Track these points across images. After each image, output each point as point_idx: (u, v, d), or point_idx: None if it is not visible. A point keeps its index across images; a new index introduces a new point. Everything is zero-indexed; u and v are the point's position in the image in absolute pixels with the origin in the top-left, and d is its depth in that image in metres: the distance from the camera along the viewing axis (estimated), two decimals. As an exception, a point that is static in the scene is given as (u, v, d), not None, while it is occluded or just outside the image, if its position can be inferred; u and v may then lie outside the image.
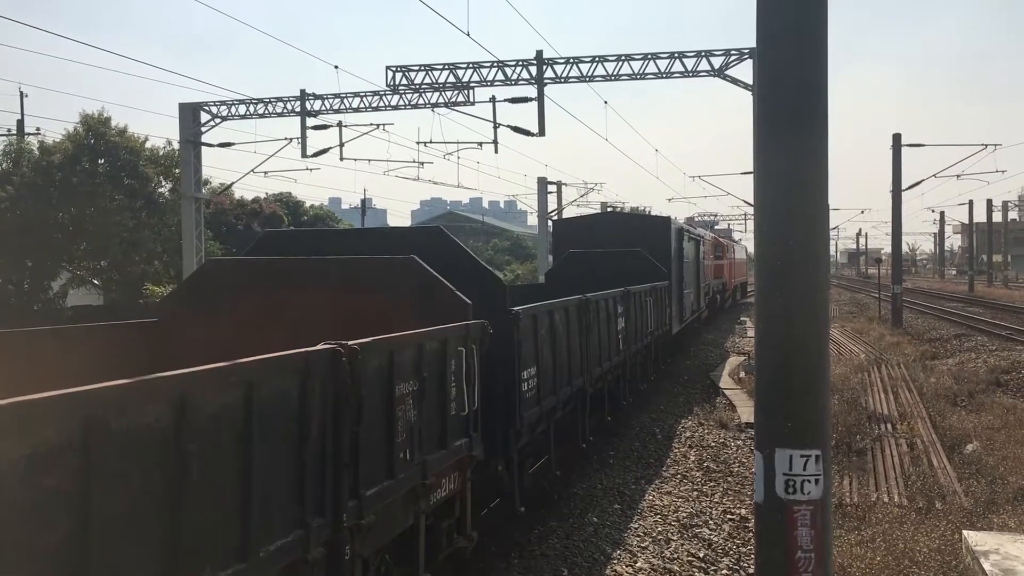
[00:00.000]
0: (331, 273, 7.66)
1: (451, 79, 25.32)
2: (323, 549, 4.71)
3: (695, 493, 11.31)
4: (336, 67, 27.41)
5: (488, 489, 8.30)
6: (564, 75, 24.69)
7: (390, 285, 7.45)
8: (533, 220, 57.24)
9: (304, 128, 27.84)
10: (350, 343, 4.99)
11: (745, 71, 25.31)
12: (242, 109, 28.11)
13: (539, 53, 24.63)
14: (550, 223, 51.52)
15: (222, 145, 28.97)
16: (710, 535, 9.68)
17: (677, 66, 24.22)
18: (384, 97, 26.47)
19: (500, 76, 25.06)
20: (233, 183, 36.10)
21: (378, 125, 28.42)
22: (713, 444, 14.08)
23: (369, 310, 6.99)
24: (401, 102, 26.34)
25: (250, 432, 4.01)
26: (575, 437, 11.79)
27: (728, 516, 10.38)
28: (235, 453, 3.95)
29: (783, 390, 4.62)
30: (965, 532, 8.31)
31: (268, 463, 4.18)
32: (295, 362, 4.50)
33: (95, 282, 32.33)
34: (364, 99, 26.92)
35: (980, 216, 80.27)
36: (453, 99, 25.64)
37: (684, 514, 10.33)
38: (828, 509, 4.68)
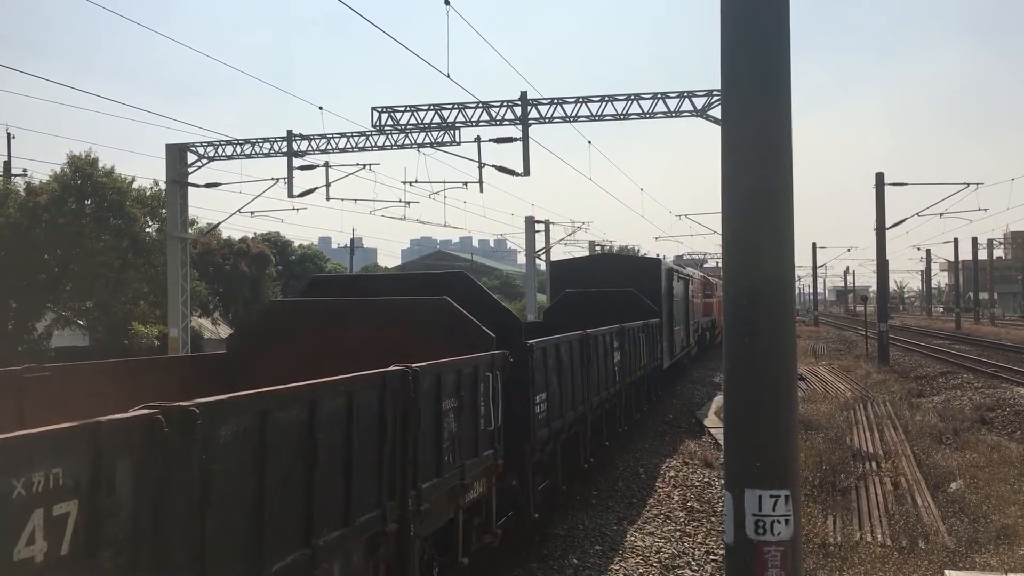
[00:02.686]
0: (375, 311, 8.94)
1: (436, 119, 25.48)
2: (395, 525, 5.99)
3: (678, 533, 11.22)
4: (321, 108, 27.59)
5: (504, 502, 9.06)
6: (548, 115, 24.86)
7: (426, 321, 8.68)
8: (523, 259, 57.31)
9: (291, 168, 27.87)
10: (413, 366, 6.30)
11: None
12: (229, 150, 28.16)
13: (523, 94, 24.83)
14: (540, 263, 51.65)
15: (209, 186, 28.97)
16: (692, 576, 9.59)
17: (660, 106, 24.44)
18: (370, 137, 26.58)
19: (485, 116, 25.22)
20: (220, 223, 36.09)
21: (364, 165, 28.52)
22: (697, 483, 14.00)
23: (408, 343, 8.02)
24: (387, 142, 26.43)
25: (351, 430, 5.33)
26: (578, 458, 12.61)
27: (711, 557, 10.29)
28: (343, 444, 5.28)
29: (751, 430, 4.60)
30: (947, 572, 8.27)
31: (361, 454, 5.48)
32: (377, 379, 5.80)
33: (80, 323, 32.13)
34: (350, 139, 27.01)
35: (965, 254, 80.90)
36: (438, 139, 25.77)
37: (666, 555, 10.24)
38: (798, 550, 4.64)
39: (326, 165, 28.19)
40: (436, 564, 7.08)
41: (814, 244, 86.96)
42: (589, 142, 29.31)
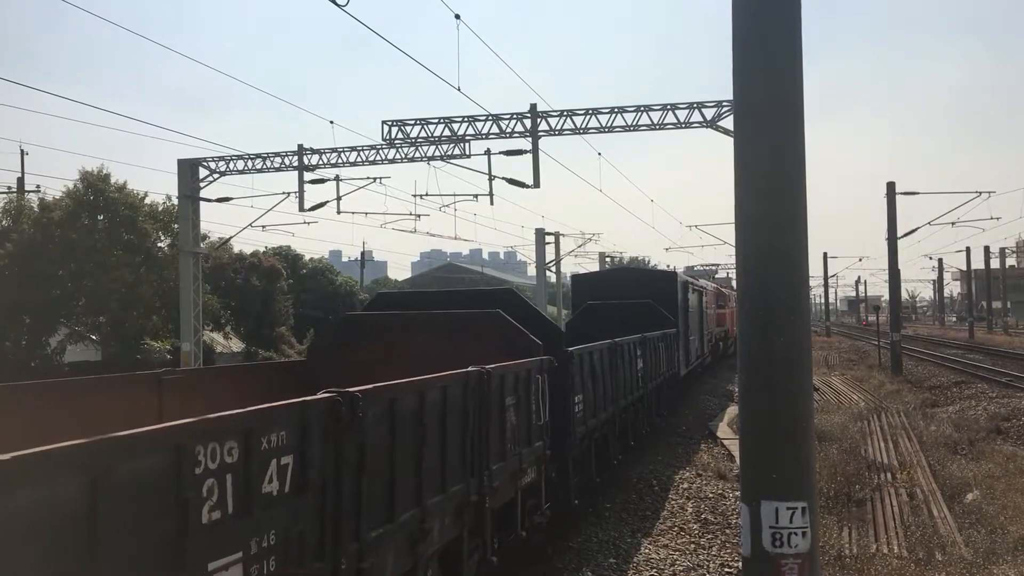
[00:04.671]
0: (437, 323, 10.15)
1: (446, 132, 25.54)
2: (476, 496, 7.26)
3: (692, 546, 11.15)
4: (332, 122, 27.68)
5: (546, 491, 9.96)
6: (558, 127, 24.90)
7: (481, 332, 9.82)
8: (533, 271, 57.36)
9: (301, 182, 27.98)
10: (486, 367, 7.52)
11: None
12: (240, 164, 28.29)
13: (533, 106, 24.87)
14: (550, 275, 51.61)
15: (220, 200, 29.11)
16: (707, 589, 9.52)
17: (670, 118, 24.45)
18: (380, 151, 26.65)
19: (495, 129, 25.27)
20: (231, 237, 36.22)
21: (375, 178, 28.58)
22: (711, 495, 13.92)
23: (465, 350, 8.88)
24: (397, 155, 26.50)
25: (444, 417, 6.59)
26: (607, 455, 13.72)
27: (726, 569, 10.22)
28: (439, 427, 6.48)
29: (767, 441, 4.57)
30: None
31: (452, 436, 6.75)
32: (462, 377, 7.05)
33: (93, 337, 32.25)
34: (360, 153, 27.10)
35: (978, 263, 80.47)
36: (449, 152, 25.82)
37: (680, 568, 10.18)
38: (816, 563, 4.60)
39: (337, 179, 28.29)
40: (496, 537, 8.11)
41: (825, 254, 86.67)
42: (599, 154, 29.35)
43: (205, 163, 28.38)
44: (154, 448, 3.52)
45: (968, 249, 76.09)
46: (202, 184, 28.56)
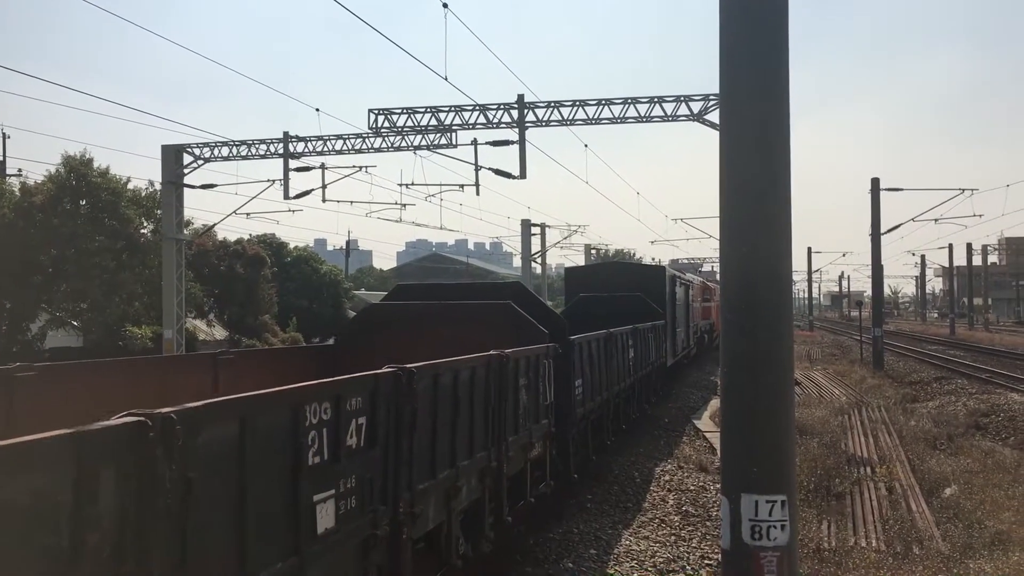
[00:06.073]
0: (453, 313, 11.14)
1: (433, 122, 25.46)
2: (495, 463, 8.23)
3: (673, 538, 11.21)
4: (318, 110, 27.54)
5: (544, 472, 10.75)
6: (545, 119, 24.85)
7: (493, 322, 10.73)
8: (519, 262, 57.34)
9: (287, 170, 27.83)
10: (506, 351, 8.48)
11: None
12: (225, 151, 28.10)
13: (520, 97, 24.82)
14: (536, 266, 51.64)
15: (204, 187, 28.93)
16: (687, 581, 9.56)
17: (657, 110, 24.44)
18: (366, 139, 26.53)
19: (482, 119, 25.19)
20: (215, 224, 36.01)
21: (360, 167, 28.46)
22: (692, 488, 13.99)
23: (479, 338, 9.58)
24: (383, 144, 26.40)
25: (473, 393, 7.58)
26: (603, 436, 14.85)
27: (706, 561, 10.29)
28: (469, 402, 7.48)
29: (748, 435, 4.60)
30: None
31: (477, 410, 7.72)
32: (485, 359, 8.00)
33: (74, 323, 32.00)
34: (347, 141, 26.96)
35: (960, 259, 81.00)
36: (435, 142, 25.75)
37: (661, 559, 10.23)
38: (795, 556, 4.63)
39: (322, 167, 28.16)
40: (508, 502, 8.87)
41: (809, 249, 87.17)
42: (586, 145, 29.37)
43: (189, 149, 28.18)
44: (281, 405, 4.62)
45: (951, 246, 76.64)
46: (186, 170, 28.35)
